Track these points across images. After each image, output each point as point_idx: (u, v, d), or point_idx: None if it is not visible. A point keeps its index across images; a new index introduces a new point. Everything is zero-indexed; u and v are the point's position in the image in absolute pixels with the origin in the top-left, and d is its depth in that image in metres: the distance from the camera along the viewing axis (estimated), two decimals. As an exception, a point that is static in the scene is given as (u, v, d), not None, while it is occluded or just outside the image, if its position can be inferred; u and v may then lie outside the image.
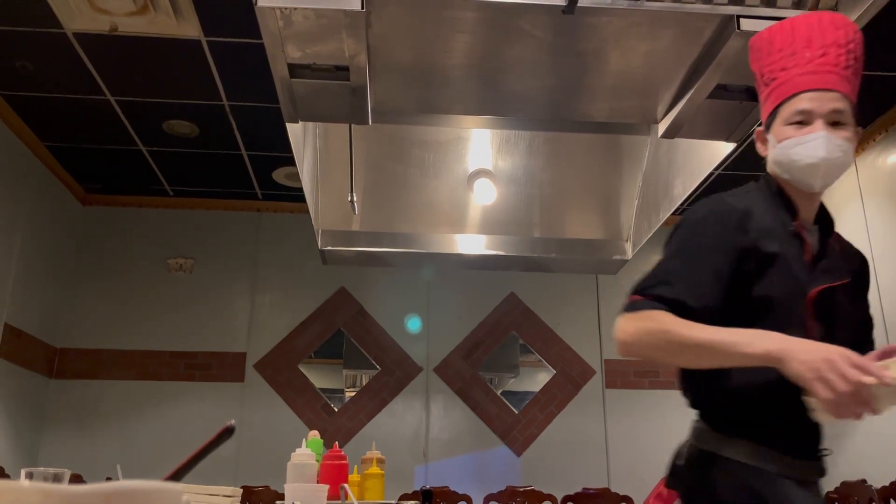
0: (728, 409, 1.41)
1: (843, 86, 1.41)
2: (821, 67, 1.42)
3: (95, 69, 3.73)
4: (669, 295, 1.34)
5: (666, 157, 2.87)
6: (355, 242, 3.30)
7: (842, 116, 1.39)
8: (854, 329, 1.48)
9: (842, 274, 1.43)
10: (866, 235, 4.32)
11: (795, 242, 1.41)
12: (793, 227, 1.42)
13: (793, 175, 1.43)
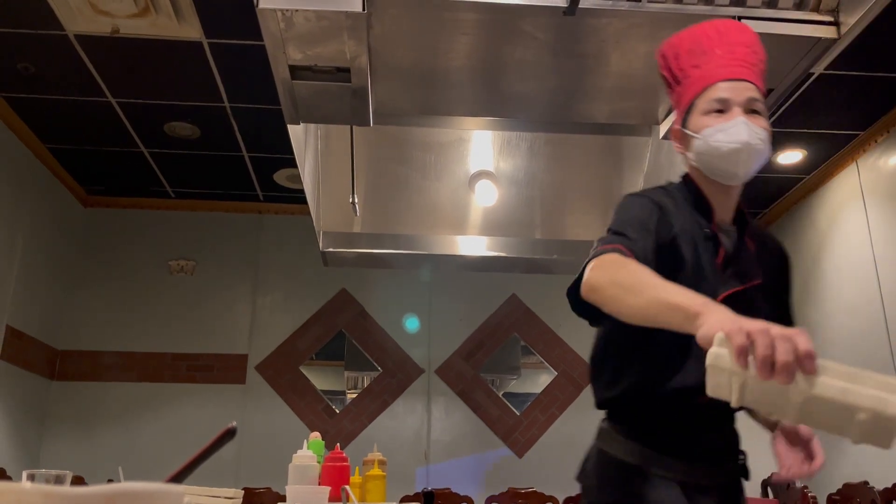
0: (625, 411, 1.42)
1: (757, 80, 1.41)
2: (733, 61, 1.42)
3: (97, 71, 3.74)
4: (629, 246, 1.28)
5: (667, 158, 2.87)
6: (356, 244, 3.30)
7: (758, 106, 1.38)
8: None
9: (753, 275, 1.41)
10: (868, 237, 4.32)
11: (709, 245, 1.39)
12: (708, 230, 1.40)
13: (714, 165, 1.40)
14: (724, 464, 1.41)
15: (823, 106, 3.98)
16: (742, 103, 1.37)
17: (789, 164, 4.67)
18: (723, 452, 1.42)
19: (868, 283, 4.31)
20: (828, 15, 1.78)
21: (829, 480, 4.50)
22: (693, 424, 1.38)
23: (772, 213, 5.43)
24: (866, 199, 4.35)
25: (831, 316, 4.70)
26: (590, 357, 1.52)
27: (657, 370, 1.36)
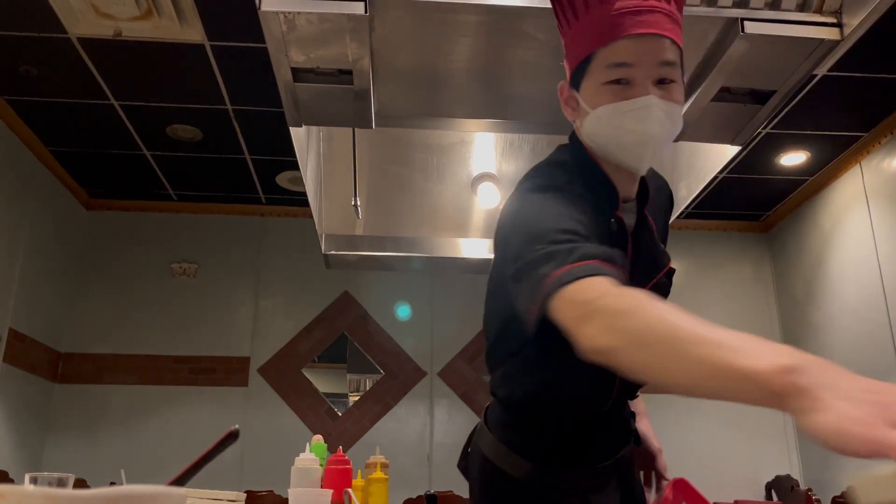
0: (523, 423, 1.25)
1: (672, 28, 1.04)
2: (643, 4, 1.02)
3: (99, 74, 3.74)
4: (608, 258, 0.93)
5: (670, 160, 2.86)
6: (359, 247, 3.30)
7: (672, 72, 1.05)
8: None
9: (663, 261, 1.20)
10: (872, 239, 4.31)
11: (618, 239, 1.12)
12: (614, 220, 1.12)
13: (611, 153, 1.10)
14: (619, 452, 1.31)
15: (827, 108, 3.98)
16: (652, 72, 1.03)
17: (793, 166, 4.66)
18: (619, 443, 1.32)
19: (872, 286, 4.30)
20: (831, 16, 1.78)
21: (834, 483, 4.49)
22: (594, 431, 1.26)
23: (775, 215, 5.42)
24: (870, 201, 4.34)
25: (835, 318, 4.69)
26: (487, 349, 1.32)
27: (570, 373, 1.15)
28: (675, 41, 1.04)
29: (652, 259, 1.17)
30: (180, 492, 0.68)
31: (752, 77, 1.94)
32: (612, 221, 1.11)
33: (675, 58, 1.04)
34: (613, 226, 1.11)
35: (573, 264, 0.88)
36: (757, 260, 5.58)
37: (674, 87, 1.05)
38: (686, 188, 2.75)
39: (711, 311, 5.42)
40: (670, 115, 1.05)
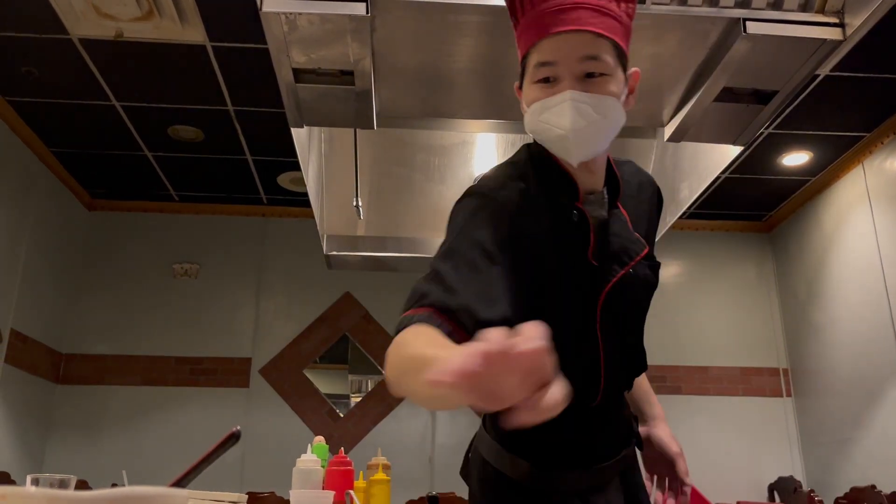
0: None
1: (599, 20, 1.05)
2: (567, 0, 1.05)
3: (101, 75, 3.74)
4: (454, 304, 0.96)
5: (672, 160, 2.86)
6: (360, 247, 3.30)
7: (598, 65, 1.05)
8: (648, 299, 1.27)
9: (636, 249, 1.18)
10: (874, 240, 4.31)
11: (578, 234, 1.14)
12: (575, 212, 1.13)
13: (548, 146, 1.13)
14: (620, 453, 1.29)
15: (829, 108, 3.97)
16: (575, 68, 1.05)
17: (795, 166, 4.66)
18: (619, 443, 1.30)
19: (874, 286, 4.29)
20: (833, 16, 1.77)
21: (837, 484, 4.48)
22: (589, 429, 1.24)
23: (777, 216, 5.42)
24: (872, 201, 4.34)
25: (837, 319, 4.69)
26: None
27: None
28: (602, 34, 1.05)
29: (623, 248, 1.17)
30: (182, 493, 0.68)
31: (755, 77, 1.93)
32: (574, 213, 1.13)
33: (601, 51, 1.05)
34: (575, 217, 1.13)
35: (414, 310, 0.96)
36: (759, 260, 5.57)
37: (602, 80, 1.06)
38: (688, 188, 2.75)
39: (713, 312, 5.42)
40: (596, 107, 1.06)
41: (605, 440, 1.28)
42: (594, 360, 1.18)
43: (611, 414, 1.28)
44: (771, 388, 5.28)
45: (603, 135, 1.10)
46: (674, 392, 5.18)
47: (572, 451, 1.24)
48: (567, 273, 1.14)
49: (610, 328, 1.18)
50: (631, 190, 1.25)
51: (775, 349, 5.36)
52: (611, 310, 1.17)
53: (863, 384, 4.37)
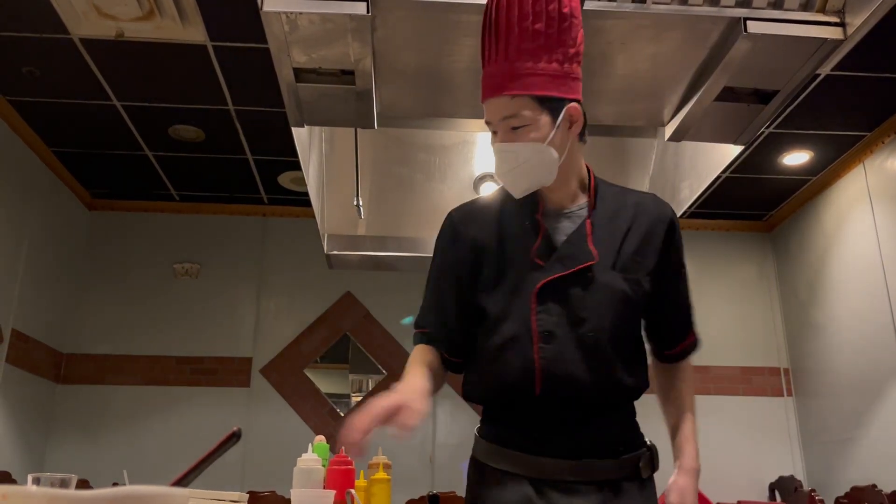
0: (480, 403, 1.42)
1: (516, 83, 1.26)
2: (492, 68, 1.30)
3: (102, 74, 3.74)
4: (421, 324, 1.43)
5: (673, 160, 2.86)
6: (361, 247, 3.30)
7: (517, 120, 1.28)
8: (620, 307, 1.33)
9: (583, 257, 1.31)
10: (875, 239, 4.30)
11: (529, 238, 1.34)
12: (529, 222, 1.35)
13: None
14: (593, 459, 1.30)
15: (830, 107, 3.97)
16: (502, 125, 1.30)
17: (796, 166, 4.66)
18: (590, 447, 1.31)
19: (875, 286, 4.29)
20: (834, 16, 1.77)
21: (837, 484, 4.48)
22: (535, 418, 1.31)
23: (778, 215, 5.42)
24: (873, 200, 4.33)
25: (838, 319, 4.68)
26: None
27: (491, 367, 1.35)
28: (518, 94, 1.27)
29: (571, 255, 1.32)
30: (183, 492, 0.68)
31: (755, 77, 1.93)
32: (527, 223, 1.36)
33: (518, 109, 1.27)
34: (530, 225, 1.35)
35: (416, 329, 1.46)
36: (760, 260, 5.57)
37: (524, 130, 1.28)
38: (689, 188, 2.75)
39: (714, 312, 5.42)
40: (519, 154, 1.29)
41: (561, 435, 1.30)
42: (530, 348, 1.30)
43: (567, 410, 1.31)
44: (772, 387, 5.28)
45: (535, 171, 1.31)
46: (674, 391, 5.18)
47: (518, 435, 1.32)
48: (512, 268, 1.34)
49: (555, 321, 1.30)
50: (610, 212, 1.38)
51: (776, 349, 5.36)
52: (553, 303, 1.30)
53: (863, 383, 4.37)
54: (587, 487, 1.29)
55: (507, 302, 1.32)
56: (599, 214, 1.37)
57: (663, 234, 1.40)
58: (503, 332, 1.32)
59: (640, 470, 1.35)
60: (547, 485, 1.28)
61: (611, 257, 1.33)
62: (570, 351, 1.29)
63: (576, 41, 1.30)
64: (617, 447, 1.33)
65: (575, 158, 1.37)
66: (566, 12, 1.28)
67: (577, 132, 1.34)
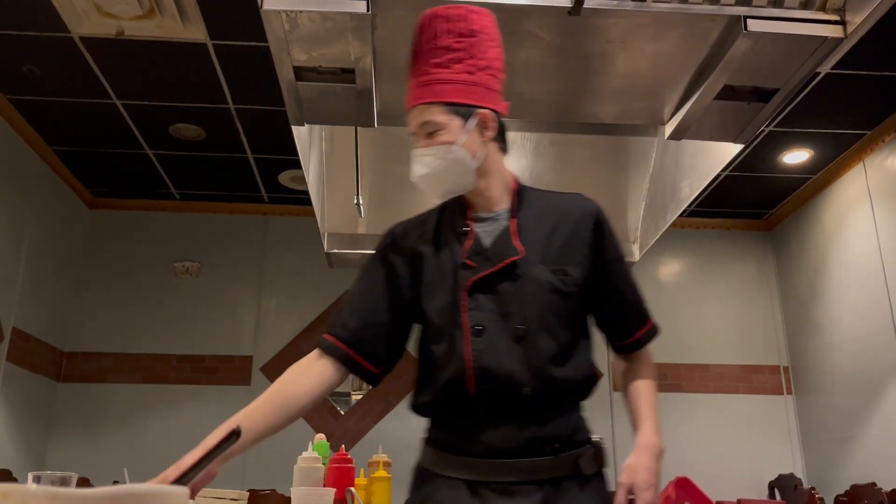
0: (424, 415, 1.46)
1: (427, 91, 1.39)
2: (412, 83, 1.43)
3: (102, 73, 3.74)
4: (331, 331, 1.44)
5: (673, 158, 2.86)
6: (361, 245, 3.30)
7: (430, 126, 1.38)
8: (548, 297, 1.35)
9: (508, 253, 1.36)
10: (875, 238, 4.30)
11: (460, 242, 1.41)
12: (461, 228, 1.42)
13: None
14: (531, 457, 1.29)
15: (830, 106, 3.97)
16: (420, 131, 1.40)
17: (796, 164, 4.66)
18: (527, 445, 1.30)
19: (875, 284, 4.29)
20: (834, 14, 1.77)
21: (837, 482, 4.48)
22: (472, 418, 1.32)
23: (778, 214, 5.42)
24: (873, 199, 4.33)
25: (838, 317, 4.69)
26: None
27: (430, 371, 1.40)
28: (429, 102, 1.38)
29: (497, 253, 1.38)
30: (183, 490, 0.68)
31: (755, 75, 1.93)
32: (459, 230, 1.43)
33: (430, 115, 1.38)
34: (461, 230, 1.42)
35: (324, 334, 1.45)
36: (760, 258, 5.57)
37: (437, 134, 1.38)
38: (689, 186, 2.75)
39: (714, 310, 5.42)
40: (435, 156, 1.38)
41: (498, 436, 1.30)
42: (463, 343, 1.33)
43: (509, 409, 1.31)
44: (772, 385, 5.28)
45: (452, 172, 1.39)
46: (675, 390, 5.18)
47: (455, 437, 1.35)
48: (445, 271, 1.39)
49: (485, 316, 1.34)
50: (536, 213, 1.45)
51: (776, 347, 5.36)
52: (483, 299, 1.35)
53: (863, 382, 4.37)
54: (527, 487, 1.28)
55: (442, 305, 1.38)
56: (525, 215, 1.43)
57: (590, 228, 1.44)
58: (440, 334, 1.37)
59: (582, 467, 1.33)
60: (484, 486, 1.28)
61: (538, 253, 1.38)
62: (501, 343, 1.32)
63: (486, 56, 1.41)
64: (554, 444, 1.31)
65: (496, 164, 1.44)
66: (474, 28, 1.40)
67: (492, 138, 1.41)
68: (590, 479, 1.34)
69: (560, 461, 1.31)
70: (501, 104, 1.44)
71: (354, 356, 1.42)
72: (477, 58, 1.40)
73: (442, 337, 1.37)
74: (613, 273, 1.45)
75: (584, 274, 1.40)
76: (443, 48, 1.40)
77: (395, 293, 1.43)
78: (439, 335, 1.38)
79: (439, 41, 1.40)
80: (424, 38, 1.43)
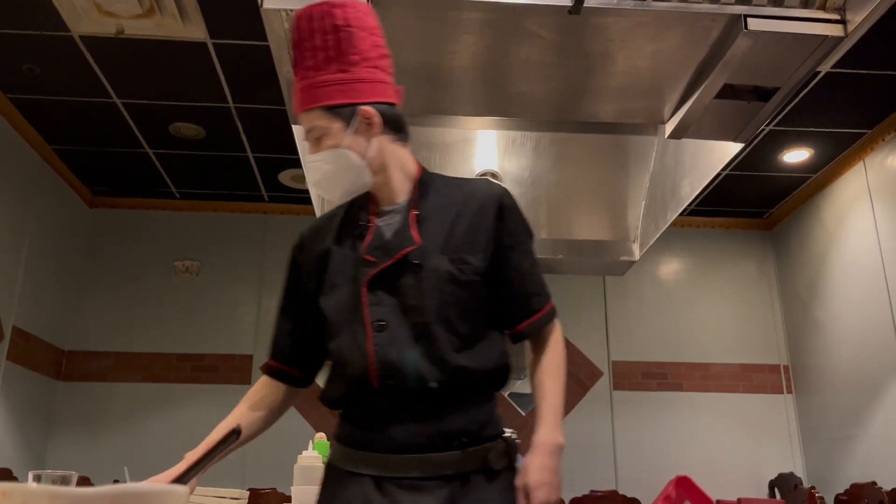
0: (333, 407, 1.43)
1: (306, 96, 1.36)
2: (297, 84, 1.38)
3: (102, 72, 3.74)
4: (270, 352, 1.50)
5: (673, 157, 2.85)
6: (361, 244, 3.30)
7: (315, 132, 1.36)
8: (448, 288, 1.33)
9: (404, 244, 1.34)
10: (875, 236, 4.30)
11: (361, 237, 1.39)
12: (363, 223, 1.41)
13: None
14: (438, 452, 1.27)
15: (830, 105, 3.97)
16: (308, 141, 1.39)
17: (796, 163, 4.66)
18: (434, 440, 1.27)
19: (875, 283, 4.29)
20: (834, 13, 1.77)
21: (837, 481, 4.48)
22: (378, 413, 1.31)
23: (778, 213, 5.41)
24: (874, 197, 4.33)
25: (838, 316, 4.69)
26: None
27: (336, 367, 1.39)
28: (308, 108, 1.35)
29: (396, 245, 1.36)
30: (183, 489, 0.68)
31: (756, 74, 1.93)
32: (360, 225, 1.41)
33: (312, 121, 1.35)
34: (362, 225, 1.40)
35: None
36: (760, 257, 5.57)
37: (323, 139, 1.35)
38: (689, 185, 2.74)
39: (715, 309, 5.41)
40: (324, 161, 1.36)
41: (404, 431, 1.28)
42: (366, 339, 1.32)
43: (414, 404, 1.29)
44: (772, 384, 5.28)
45: (344, 175, 1.37)
46: (675, 389, 5.18)
47: (363, 433, 1.33)
48: (346, 267, 1.38)
49: (386, 311, 1.32)
50: (440, 201, 1.42)
51: (776, 346, 5.36)
52: (384, 294, 1.33)
53: (863, 381, 4.37)
54: (433, 483, 1.25)
55: (342, 301, 1.37)
56: (427, 205, 1.40)
57: (493, 213, 1.40)
58: (342, 330, 1.36)
59: (491, 462, 1.30)
60: (390, 482, 1.26)
61: (438, 242, 1.35)
62: (403, 338, 1.30)
63: (359, 49, 1.36)
64: (462, 438, 1.29)
65: (393, 156, 1.40)
66: (339, 24, 1.35)
67: (381, 131, 1.37)
68: (499, 474, 1.31)
69: (468, 456, 1.28)
70: (390, 93, 1.40)
71: (278, 366, 1.49)
72: (349, 53, 1.35)
73: (344, 333, 1.36)
74: (505, 261, 1.40)
75: (486, 261, 1.36)
76: (313, 49, 1.36)
77: (304, 296, 1.46)
78: (341, 331, 1.36)
79: (310, 42, 1.36)
80: (297, 40, 1.37)
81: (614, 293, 5.37)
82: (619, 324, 5.34)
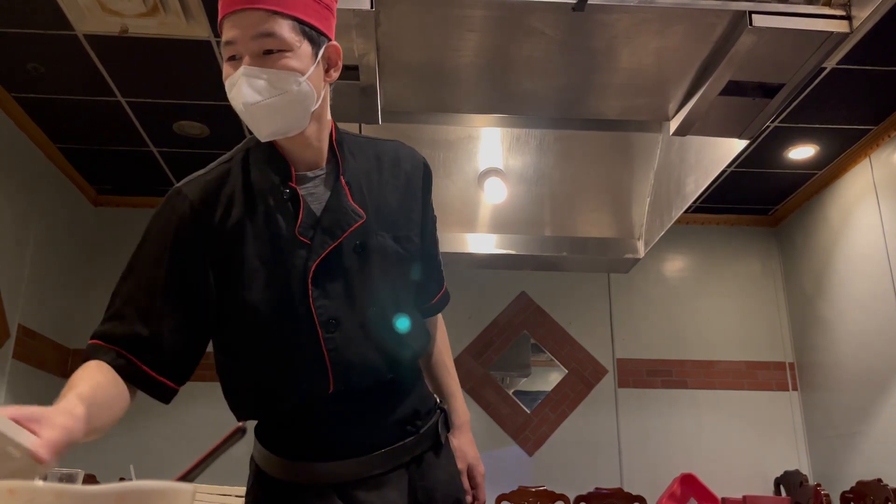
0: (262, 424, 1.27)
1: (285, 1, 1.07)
2: None
3: (106, 71, 3.75)
4: (119, 331, 1.13)
5: (678, 154, 2.85)
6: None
7: (274, 42, 1.06)
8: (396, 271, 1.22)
9: (349, 219, 1.15)
10: (881, 233, 4.29)
11: (287, 211, 1.14)
12: (287, 190, 1.15)
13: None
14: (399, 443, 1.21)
15: (835, 101, 3.95)
16: (251, 46, 1.07)
17: (801, 160, 4.64)
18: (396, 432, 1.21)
19: (881, 280, 4.28)
20: (840, 9, 1.77)
21: (843, 478, 4.47)
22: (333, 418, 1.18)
23: (784, 210, 5.40)
24: (879, 194, 4.32)
25: (844, 313, 4.67)
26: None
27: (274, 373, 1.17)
28: (277, 11, 1.06)
29: (336, 221, 1.15)
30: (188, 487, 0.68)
31: (761, 70, 1.93)
32: (285, 192, 1.15)
33: (276, 28, 1.06)
34: (287, 195, 1.15)
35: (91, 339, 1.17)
36: (765, 254, 5.56)
37: (280, 56, 1.07)
38: (694, 182, 2.74)
39: (719, 306, 5.40)
40: (273, 82, 1.07)
41: (365, 429, 1.19)
42: (315, 341, 1.13)
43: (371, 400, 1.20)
44: (777, 381, 5.27)
45: (290, 109, 1.10)
46: (680, 386, 5.17)
47: (319, 442, 1.18)
48: (275, 252, 1.13)
49: (336, 305, 1.14)
50: (363, 167, 1.23)
51: (781, 343, 5.35)
52: (330, 284, 1.14)
53: (869, 378, 4.36)
54: (394, 474, 1.19)
55: (279, 294, 1.13)
56: (351, 170, 1.20)
57: (421, 182, 1.30)
58: (283, 330, 1.14)
59: (441, 436, 1.28)
60: (354, 486, 1.16)
61: (374, 217, 1.19)
62: (356, 333, 1.16)
63: None
64: (416, 421, 1.23)
65: (326, 111, 1.19)
66: None
67: (335, 79, 1.17)
68: (442, 445, 1.29)
69: (422, 437, 1.24)
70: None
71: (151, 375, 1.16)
72: None
73: (286, 333, 1.14)
74: (431, 233, 1.31)
75: (420, 237, 1.26)
76: None
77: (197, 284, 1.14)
78: (275, 334, 1.14)
79: None
80: None
81: (619, 290, 5.37)
82: (623, 321, 5.34)
